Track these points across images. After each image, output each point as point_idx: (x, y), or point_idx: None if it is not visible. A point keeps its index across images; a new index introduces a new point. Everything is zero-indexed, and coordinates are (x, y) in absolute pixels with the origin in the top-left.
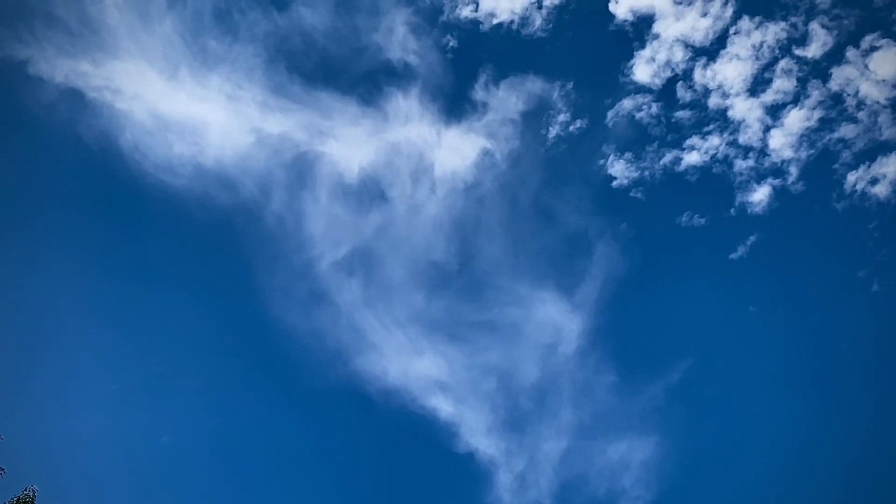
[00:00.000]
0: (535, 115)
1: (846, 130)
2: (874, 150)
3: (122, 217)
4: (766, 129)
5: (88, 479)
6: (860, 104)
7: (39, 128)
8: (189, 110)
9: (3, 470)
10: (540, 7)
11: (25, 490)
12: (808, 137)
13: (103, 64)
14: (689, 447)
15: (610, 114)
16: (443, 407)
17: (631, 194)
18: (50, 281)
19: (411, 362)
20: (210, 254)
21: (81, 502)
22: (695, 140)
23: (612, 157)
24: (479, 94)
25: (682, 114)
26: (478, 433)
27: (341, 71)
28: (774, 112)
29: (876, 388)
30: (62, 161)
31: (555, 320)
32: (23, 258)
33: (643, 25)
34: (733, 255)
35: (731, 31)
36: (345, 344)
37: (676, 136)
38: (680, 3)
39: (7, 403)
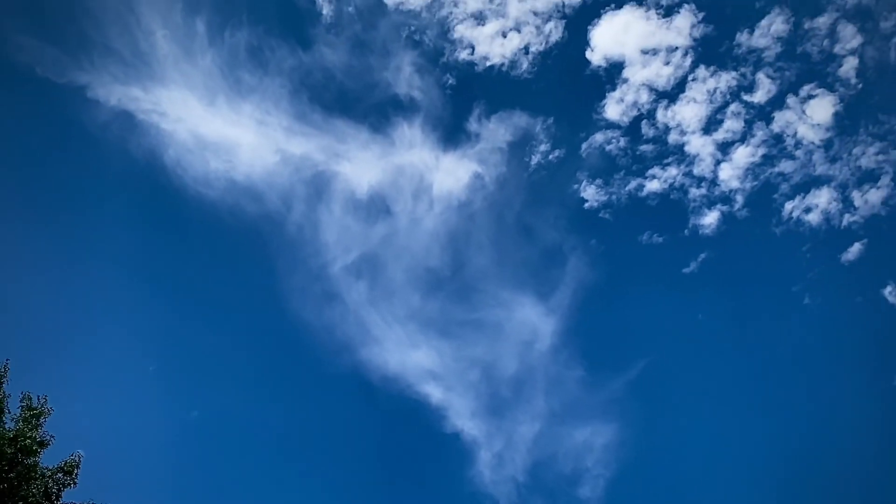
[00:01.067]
0: (520, 145)
1: (785, 166)
2: (808, 184)
3: (164, 222)
4: (717, 163)
5: (128, 448)
6: (797, 144)
7: (95, 144)
8: (224, 132)
9: (52, 437)
10: (527, 52)
11: (72, 455)
12: (752, 171)
13: (152, 90)
14: (644, 434)
15: (584, 146)
16: (434, 393)
17: (600, 215)
18: (105, 275)
19: (408, 354)
20: (239, 256)
21: (122, 468)
22: (655, 170)
23: (584, 183)
24: (472, 125)
25: (645, 147)
26: (463, 416)
27: (355, 102)
28: (724, 148)
29: (807, 388)
30: (114, 173)
31: (532, 321)
32: (81, 255)
33: (614, 71)
34: (686, 270)
35: (690, 78)
36: (352, 337)
37: (640, 167)
38: (646, 53)
39: (63, 380)
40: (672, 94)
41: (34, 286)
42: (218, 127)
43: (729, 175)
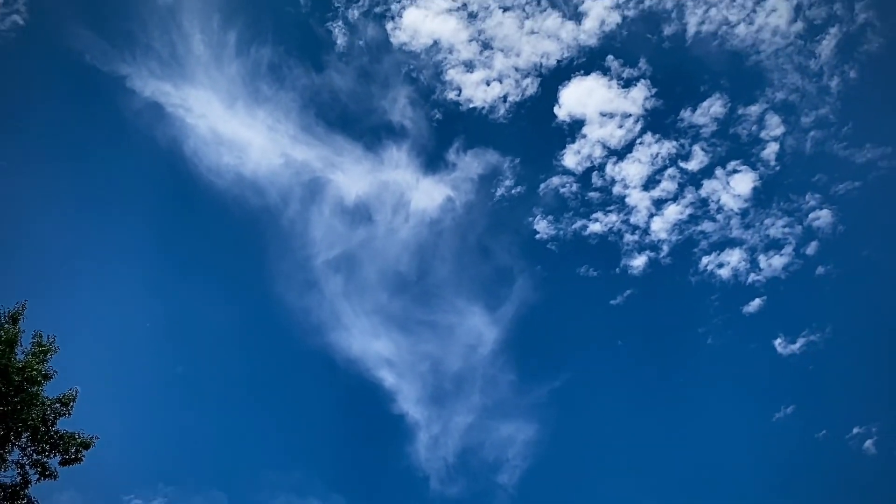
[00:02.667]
0: (488, 178)
1: (706, 226)
2: (724, 244)
3: (177, 201)
4: (650, 216)
5: (120, 391)
6: (719, 209)
7: (127, 127)
8: (238, 132)
9: (56, 371)
10: (505, 101)
11: (70, 390)
12: (678, 226)
13: (181, 88)
14: (558, 436)
15: (542, 186)
16: (387, 378)
17: (547, 246)
18: (121, 238)
19: (370, 342)
20: (237, 239)
21: (112, 409)
22: (599, 215)
23: (538, 217)
24: (451, 156)
25: (592, 194)
26: (410, 401)
27: (354, 122)
28: (658, 204)
29: (701, 414)
30: (140, 154)
31: (478, 328)
32: (103, 218)
33: (575, 126)
34: (613, 302)
35: (637, 141)
36: (324, 321)
37: (586, 210)
38: (604, 116)
39: (72, 325)
40: (621, 152)
41: (63, 240)
42: (234, 127)
43: (659, 227)
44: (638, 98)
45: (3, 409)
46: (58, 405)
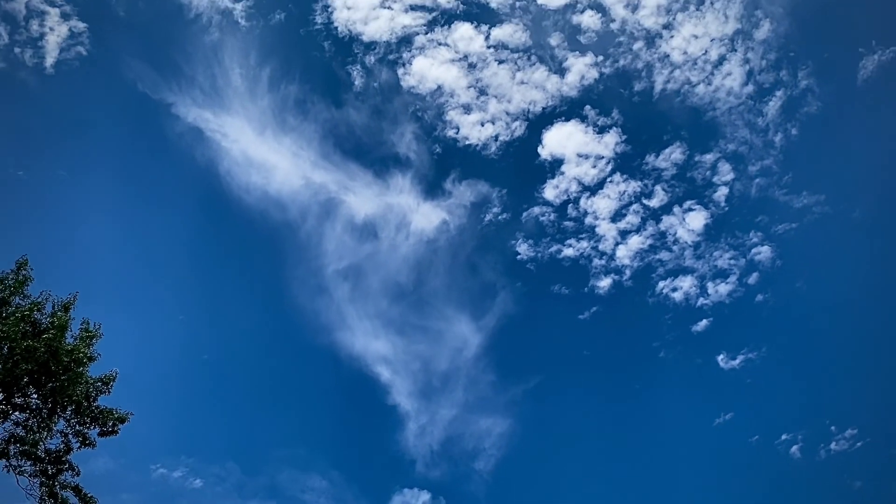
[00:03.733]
0: (479, 206)
1: (663, 255)
2: (677, 271)
3: (212, 213)
4: (616, 245)
5: (154, 375)
6: (675, 241)
7: (171, 147)
8: (266, 157)
9: (99, 354)
10: (496, 139)
11: (110, 371)
12: (640, 255)
13: (219, 115)
14: (530, 430)
15: (524, 214)
16: (384, 373)
17: (527, 266)
18: (162, 243)
19: (370, 341)
20: (261, 247)
21: (147, 389)
22: (572, 241)
23: (520, 241)
24: (447, 185)
25: (567, 223)
26: (402, 394)
27: (366, 152)
28: (623, 235)
29: (650, 418)
30: (181, 171)
31: (464, 334)
32: (147, 224)
33: (556, 165)
34: (581, 317)
35: (608, 180)
36: (331, 321)
37: (561, 237)
38: (580, 157)
39: (117, 314)
40: (593, 189)
41: (113, 241)
42: (263, 152)
43: (623, 254)
44: (610, 143)
45: (53, 385)
46: (99, 384)
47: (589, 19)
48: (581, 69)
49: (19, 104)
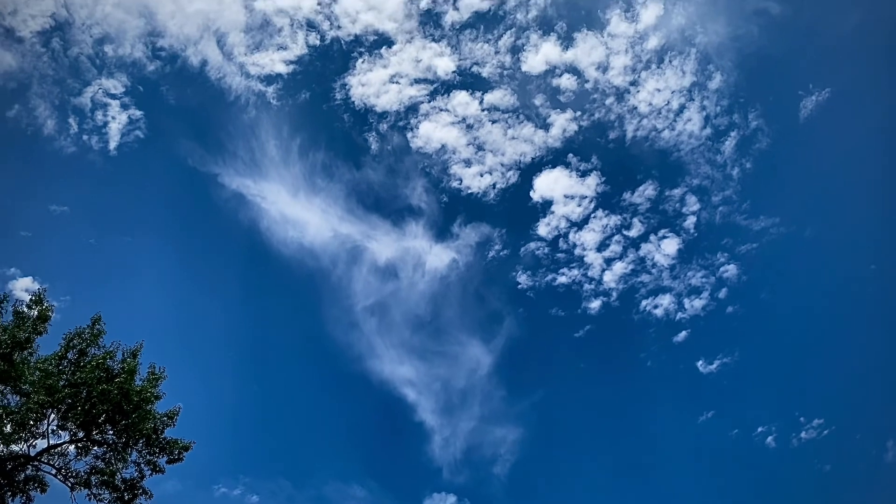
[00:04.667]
0: (483, 245)
1: (644, 278)
2: (657, 291)
3: (257, 265)
4: (603, 270)
5: (212, 407)
6: (653, 265)
7: (219, 211)
8: (300, 214)
9: (164, 393)
10: (494, 187)
11: (174, 406)
12: (624, 278)
13: (259, 182)
14: (538, 437)
15: (522, 249)
16: (410, 394)
17: (527, 293)
18: (215, 292)
19: (397, 367)
20: (299, 291)
21: (206, 421)
22: (564, 270)
23: (519, 272)
24: (455, 229)
25: (559, 255)
26: (427, 412)
27: (384, 205)
28: (608, 262)
29: (634, 416)
30: (228, 231)
31: (477, 356)
32: (202, 278)
33: (546, 205)
34: (576, 335)
35: (592, 216)
36: (363, 352)
37: (555, 267)
38: (567, 197)
39: (178, 358)
40: (580, 224)
41: (174, 292)
42: (297, 210)
43: (609, 279)
44: (591, 184)
45: (126, 422)
46: (165, 418)
47: (566, 81)
48: (562, 123)
49: (88, 182)
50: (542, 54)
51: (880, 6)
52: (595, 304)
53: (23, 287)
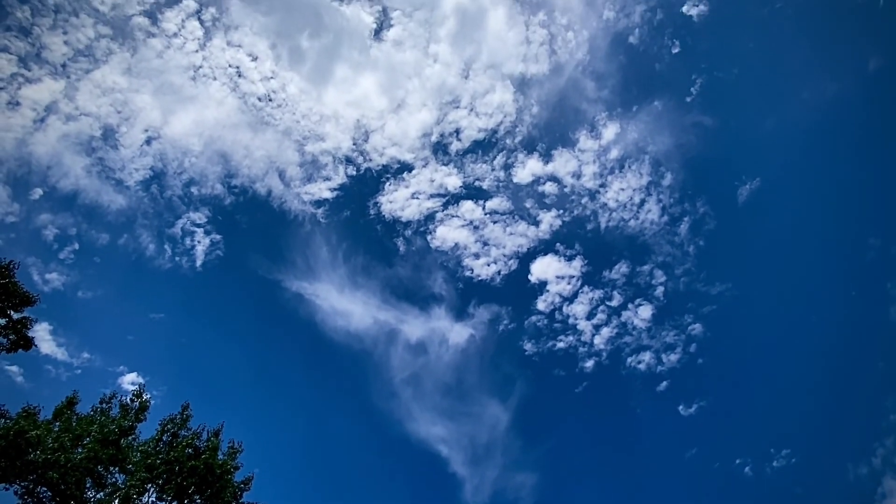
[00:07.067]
0: (493, 321)
1: (627, 339)
2: (639, 349)
3: (315, 350)
4: (593, 336)
5: (281, 470)
6: (633, 328)
7: (284, 309)
8: (346, 307)
9: (241, 464)
10: (499, 273)
11: (249, 474)
12: (610, 341)
13: (313, 284)
14: (550, 480)
15: (526, 322)
16: (443, 450)
17: (533, 359)
18: (288, 373)
19: (431, 428)
20: (349, 369)
21: (276, 480)
22: (561, 337)
23: (525, 341)
24: (470, 310)
25: (556, 325)
26: (458, 464)
27: (412, 295)
28: (597, 328)
29: (627, 457)
30: (291, 324)
31: (497, 414)
32: (271, 363)
33: (542, 286)
34: (576, 390)
35: (580, 292)
36: (402, 417)
37: (553, 334)
38: (558, 278)
39: (250, 433)
40: (571, 299)
41: (248, 376)
42: (343, 304)
43: (599, 342)
44: (577, 267)
45: (210, 491)
46: (242, 485)
47: (549, 188)
48: (549, 220)
49: (180, 293)
50: (528, 168)
51: (792, 111)
52: (589, 364)
53: (129, 380)
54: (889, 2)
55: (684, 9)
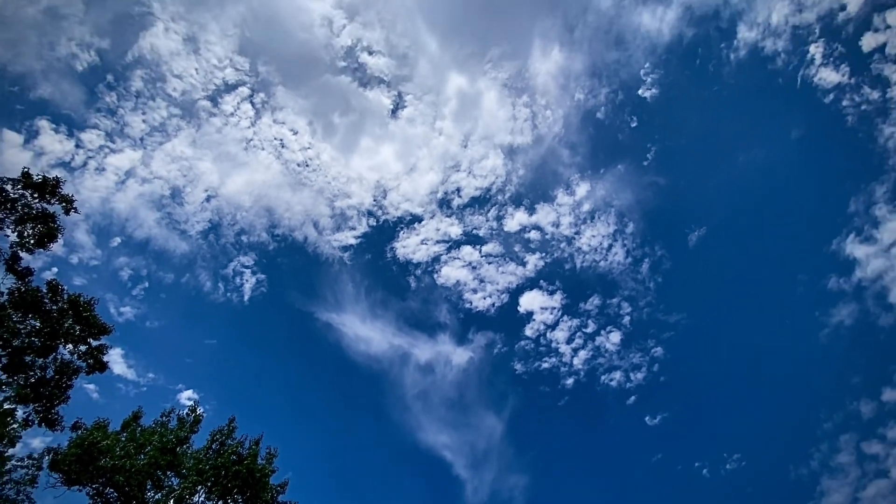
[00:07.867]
0: (489, 345)
1: (601, 360)
2: (611, 369)
3: (340, 371)
4: (572, 357)
5: (308, 473)
6: (606, 351)
7: (316, 337)
8: (367, 334)
9: (277, 468)
10: (493, 306)
11: (285, 478)
12: (587, 362)
13: (340, 315)
14: (538, 484)
15: (516, 346)
16: (447, 455)
17: (522, 377)
18: (308, 394)
19: (437, 436)
20: (368, 387)
21: (309, 483)
22: (545, 359)
23: (515, 362)
24: (469, 336)
25: (541, 349)
26: (460, 467)
27: (422, 324)
28: (575, 351)
29: (605, 469)
30: (321, 350)
31: (492, 425)
32: (305, 385)
33: (529, 315)
34: (559, 404)
35: (560, 320)
36: (413, 427)
37: (539, 356)
38: (542, 309)
39: (286, 440)
40: (553, 326)
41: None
42: (365, 332)
43: (577, 362)
44: (558, 299)
45: (251, 492)
46: (279, 487)
47: (534, 235)
48: (534, 261)
49: (230, 323)
50: (516, 219)
51: (730, 172)
52: (569, 382)
53: (186, 397)
54: (805, 84)
55: (640, 91)
